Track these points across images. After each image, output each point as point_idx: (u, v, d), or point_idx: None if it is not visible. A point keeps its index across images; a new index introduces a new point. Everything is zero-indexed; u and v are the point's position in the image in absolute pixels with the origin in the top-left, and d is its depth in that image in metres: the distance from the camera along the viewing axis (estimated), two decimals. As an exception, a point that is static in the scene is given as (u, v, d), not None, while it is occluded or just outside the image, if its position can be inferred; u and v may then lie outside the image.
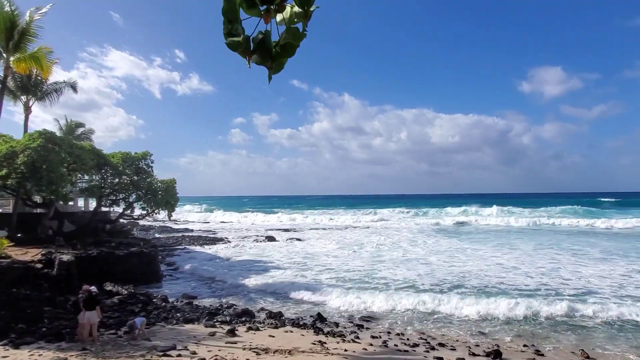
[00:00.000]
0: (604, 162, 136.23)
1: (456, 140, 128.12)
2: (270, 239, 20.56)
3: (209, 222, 33.82)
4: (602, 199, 48.22)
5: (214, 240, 19.94)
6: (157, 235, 22.90)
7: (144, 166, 13.63)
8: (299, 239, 20.24)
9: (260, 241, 19.96)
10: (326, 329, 7.00)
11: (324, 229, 26.59)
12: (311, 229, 26.84)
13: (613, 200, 49.25)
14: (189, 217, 38.26)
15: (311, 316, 7.82)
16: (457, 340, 6.59)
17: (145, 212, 14.34)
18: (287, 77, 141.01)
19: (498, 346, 6.16)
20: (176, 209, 15.40)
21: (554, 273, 11.12)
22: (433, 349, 6.11)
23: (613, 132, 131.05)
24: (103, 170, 13.17)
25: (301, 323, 7.37)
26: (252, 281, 10.84)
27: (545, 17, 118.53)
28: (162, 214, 14.99)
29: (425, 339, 6.59)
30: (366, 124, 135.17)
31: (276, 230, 26.26)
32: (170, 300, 8.94)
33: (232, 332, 6.49)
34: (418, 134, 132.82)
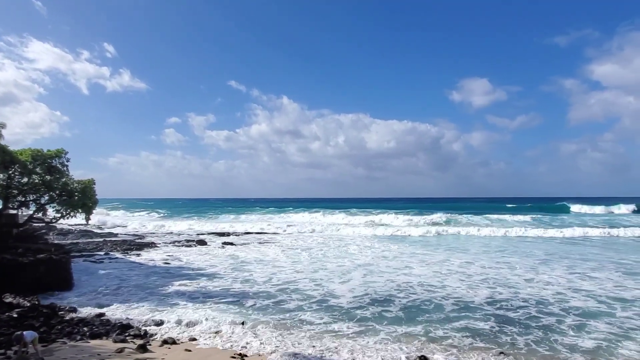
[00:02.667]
0: (525, 169, 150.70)
1: (392, 145, 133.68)
2: (201, 243, 19.73)
3: (144, 226, 31.72)
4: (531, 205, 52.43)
5: (140, 246, 18.67)
6: (75, 241, 21.02)
7: (58, 165, 12.34)
8: (232, 244, 19.63)
9: (191, 246, 19.08)
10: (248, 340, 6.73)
11: (261, 233, 26.10)
12: (247, 232, 26.25)
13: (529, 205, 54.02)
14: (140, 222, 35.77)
15: (238, 323, 7.50)
16: None
17: (59, 215, 13.02)
18: (224, 77, 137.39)
19: None
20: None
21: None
22: None
23: (532, 141, 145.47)
24: (10, 169, 11.77)
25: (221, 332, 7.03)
26: (174, 288, 10.24)
27: (473, 31, 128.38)
28: (97, 217, 13.71)
29: None
30: (304, 128, 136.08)
31: (210, 234, 25.33)
32: (79, 312, 8.13)
33: (143, 348, 5.99)
34: (355, 139, 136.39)
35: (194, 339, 6.60)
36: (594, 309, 8.12)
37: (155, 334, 6.78)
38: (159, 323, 7.39)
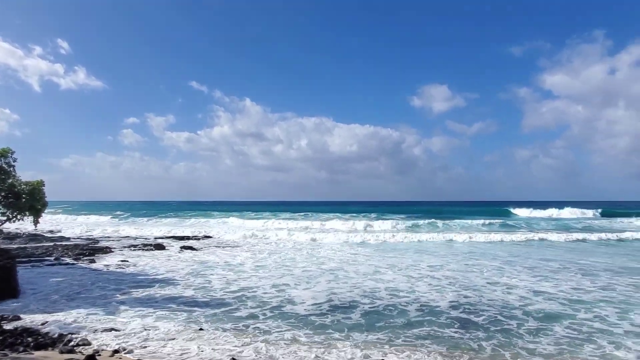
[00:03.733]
0: (483, 174, 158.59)
1: (354, 149, 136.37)
2: (159, 247, 19.15)
3: (98, 230, 30.36)
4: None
5: (94, 250, 17.85)
6: (23, 245, 19.82)
7: (4, 165, 11.65)
8: (192, 248, 19.18)
9: (148, 250, 18.48)
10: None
11: (222, 236, 25.64)
12: (207, 236, 25.73)
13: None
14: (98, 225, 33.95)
15: (192, 330, 7.35)
16: None
17: (5, 218, 12.26)
18: (185, 77, 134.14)
19: None
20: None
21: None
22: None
23: (489, 147, 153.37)
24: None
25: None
26: (127, 296, 9.90)
27: (434, 39, 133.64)
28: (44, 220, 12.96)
29: None
30: (267, 131, 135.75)
31: (169, 238, 24.64)
32: (24, 320, 7.69)
33: (92, 358, 5.77)
34: (318, 142, 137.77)
35: (146, 347, 6.41)
36: (555, 312, 8.56)
37: (106, 344, 6.53)
38: (110, 331, 7.12)
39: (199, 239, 23.94)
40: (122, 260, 15.27)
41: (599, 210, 49.26)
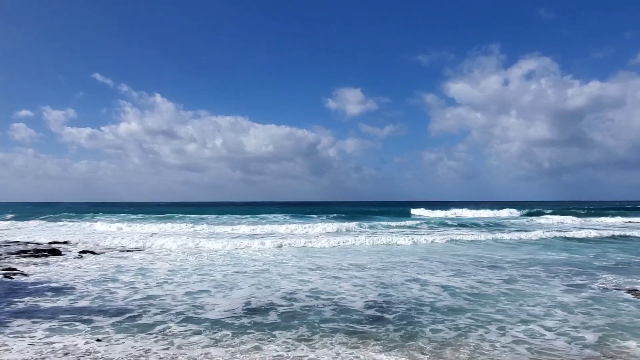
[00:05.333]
0: (393, 175, 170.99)
1: (270, 149, 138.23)
2: (54, 252, 17.43)
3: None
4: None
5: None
6: None
7: None
8: (92, 252, 17.75)
9: (41, 256, 16.72)
10: None
11: (129, 239, 24.06)
12: (113, 237, 23.98)
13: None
14: None
15: (91, 342, 6.84)
16: None
17: None
18: (88, 69, 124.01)
19: None
20: None
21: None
22: None
23: (400, 149, 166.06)
24: None
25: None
26: (16, 307, 8.96)
27: (348, 43, 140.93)
28: None
29: None
30: (180, 129, 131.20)
31: (66, 242, 22.50)
32: None
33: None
34: (233, 142, 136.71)
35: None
36: (459, 305, 9.45)
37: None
38: (-14, 349, 6.36)
39: (99, 242, 22.21)
40: (8, 269, 13.63)
41: (510, 210, 55.12)
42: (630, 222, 40.97)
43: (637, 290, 10.74)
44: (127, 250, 19.17)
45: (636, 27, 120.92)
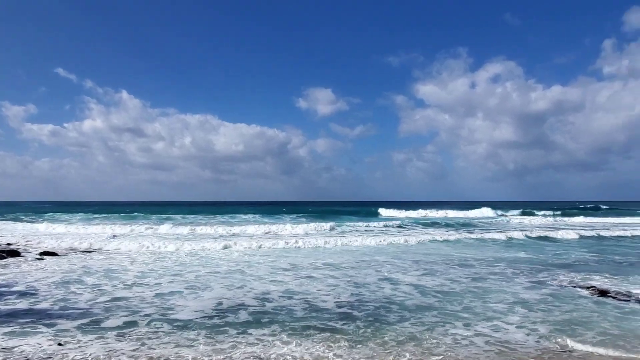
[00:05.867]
0: (363, 175, 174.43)
1: (240, 149, 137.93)
2: (13, 254, 16.82)
3: None
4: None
5: None
6: None
7: None
8: (54, 254, 17.24)
9: (-2, 258, 16.10)
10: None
11: (93, 239, 23.47)
12: (76, 238, 23.31)
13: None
14: None
15: (52, 345, 6.75)
16: None
17: None
18: (50, 63, 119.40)
19: None
20: None
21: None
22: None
23: (370, 150, 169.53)
24: None
25: None
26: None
27: (319, 43, 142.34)
28: None
29: None
30: (147, 126, 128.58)
31: (27, 243, 21.70)
32: None
33: None
34: (203, 141, 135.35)
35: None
36: (427, 303, 9.86)
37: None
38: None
39: (64, 243, 21.56)
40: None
41: (480, 210, 56.94)
42: (591, 221, 43.24)
43: (593, 287, 11.46)
44: (91, 251, 18.72)
45: (595, 34, 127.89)
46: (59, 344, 6.84)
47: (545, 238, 25.46)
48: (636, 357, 6.46)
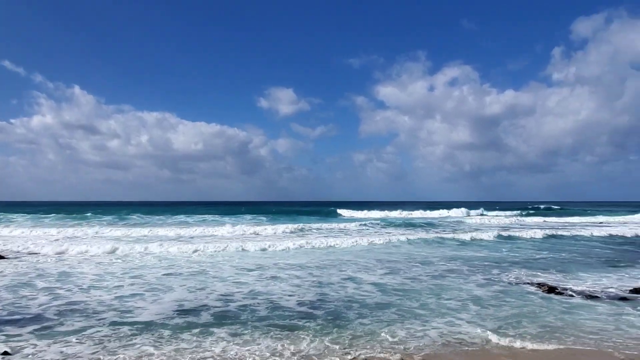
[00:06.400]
0: (324, 175, 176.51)
1: (199, 147, 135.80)
2: (-43, 258, 15.97)
3: None
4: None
5: None
6: None
7: None
8: (1, 257, 16.51)
9: (-61, 262, 15.26)
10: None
11: (44, 241, 22.60)
12: (25, 240, 22.35)
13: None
14: None
15: None
16: None
17: None
18: None
19: None
20: None
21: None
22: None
23: (331, 150, 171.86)
24: None
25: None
26: None
27: (280, 42, 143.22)
28: None
29: None
30: (101, 124, 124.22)
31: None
32: None
33: None
34: (160, 139, 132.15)
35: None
36: (387, 301, 10.32)
37: None
38: None
39: (5, 247, 20.64)
40: None
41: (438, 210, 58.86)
42: (546, 221, 45.82)
43: (541, 283, 12.34)
44: (42, 254, 18.03)
45: (546, 42, 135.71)
46: (5, 353, 6.57)
47: (502, 237, 26.80)
48: (575, 348, 7.14)
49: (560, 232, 28.95)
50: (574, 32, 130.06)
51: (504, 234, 27.76)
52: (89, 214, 45.77)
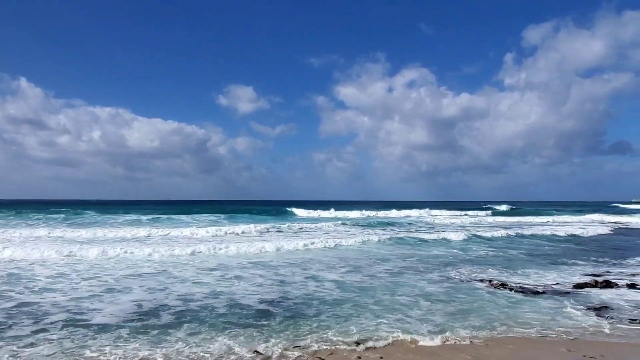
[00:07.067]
0: (284, 174, 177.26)
1: (156, 145, 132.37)
2: None
3: None
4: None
5: None
6: None
7: None
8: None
9: None
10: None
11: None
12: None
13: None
14: None
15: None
16: None
17: None
18: None
19: None
20: None
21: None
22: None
23: (291, 149, 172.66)
24: None
25: None
26: None
27: (240, 40, 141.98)
28: None
29: None
30: (50, 118, 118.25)
31: None
32: None
33: None
34: (114, 135, 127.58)
35: None
36: (345, 297, 10.81)
37: None
38: None
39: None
40: None
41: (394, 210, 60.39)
42: (497, 220, 48.28)
43: (490, 280, 13.22)
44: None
45: (499, 48, 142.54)
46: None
47: (458, 236, 28.02)
48: (516, 337, 7.87)
49: (513, 231, 30.53)
50: (524, 39, 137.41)
51: (461, 232, 29.04)
52: (35, 213, 43.72)
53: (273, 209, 68.45)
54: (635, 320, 8.88)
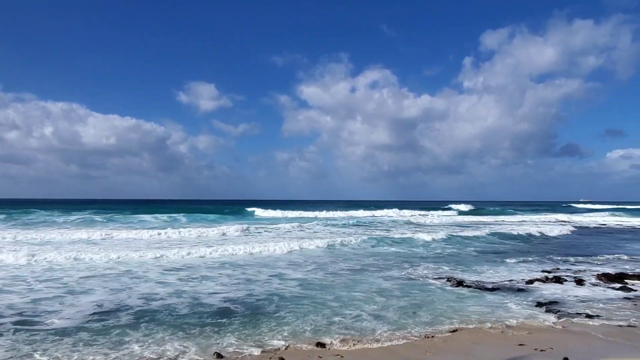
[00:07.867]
0: (247, 173, 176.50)
1: (112, 142, 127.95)
2: None
3: None
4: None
5: None
6: None
7: None
8: None
9: None
10: None
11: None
12: None
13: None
14: None
15: None
16: None
17: None
18: None
19: None
20: None
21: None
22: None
23: (254, 148, 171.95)
24: None
25: None
26: None
27: (201, 35, 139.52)
28: None
29: None
30: None
31: None
32: None
33: None
34: (67, 132, 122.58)
35: None
36: (304, 294, 11.18)
37: None
38: None
39: None
40: None
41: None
42: (466, 220, 50.21)
43: (447, 277, 13.98)
44: None
45: (458, 51, 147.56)
46: None
47: (419, 235, 28.95)
48: (460, 327, 8.57)
49: (484, 231, 31.12)
50: (482, 44, 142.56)
51: (421, 232, 30.08)
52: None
53: (239, 208, 67.94)
54: (581, 313, 9.61)
